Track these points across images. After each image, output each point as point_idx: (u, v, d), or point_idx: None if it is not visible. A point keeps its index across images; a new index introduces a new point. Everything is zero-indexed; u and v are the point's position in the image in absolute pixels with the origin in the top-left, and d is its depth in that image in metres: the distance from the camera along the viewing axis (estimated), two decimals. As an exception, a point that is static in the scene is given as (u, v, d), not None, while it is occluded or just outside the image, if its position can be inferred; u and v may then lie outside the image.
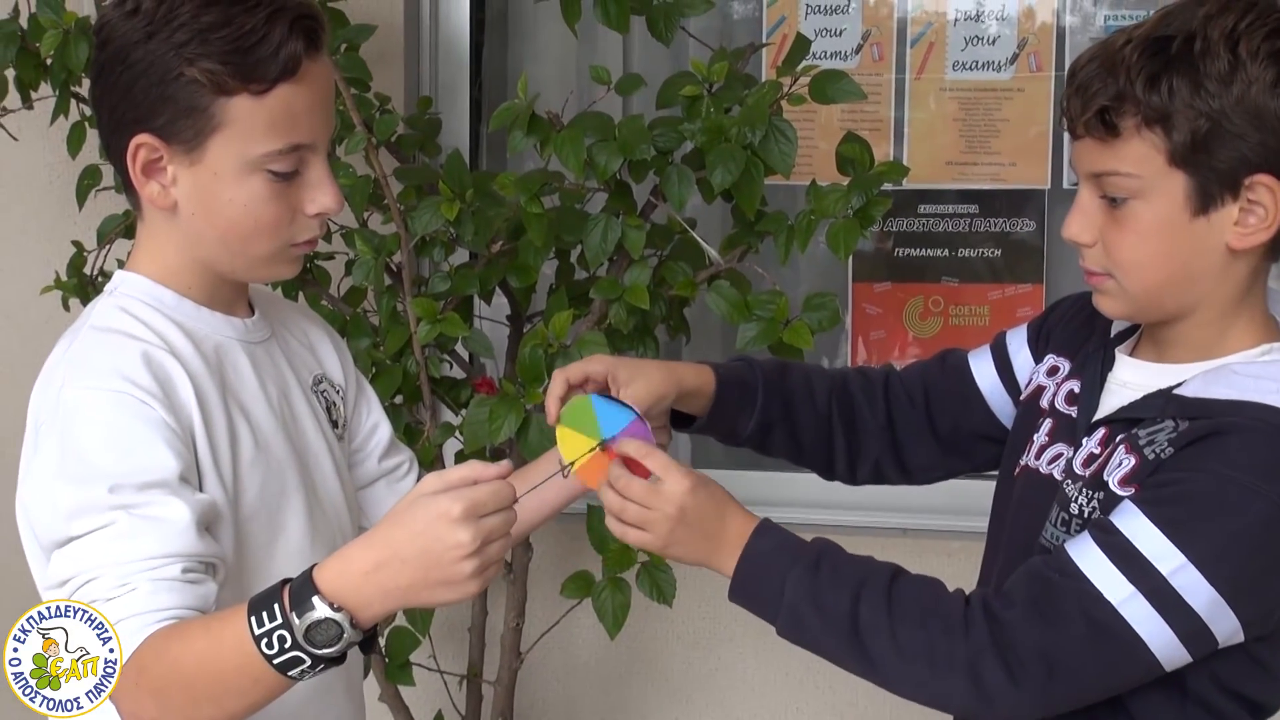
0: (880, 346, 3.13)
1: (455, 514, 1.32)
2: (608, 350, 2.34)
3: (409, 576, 1.34)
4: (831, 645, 1.49)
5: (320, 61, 1.53)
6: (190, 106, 1.48)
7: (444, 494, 1.34)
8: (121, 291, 1.59)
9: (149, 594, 1.39)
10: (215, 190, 1.52)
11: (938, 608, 1.46)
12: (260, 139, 1.50)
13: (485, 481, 1.36)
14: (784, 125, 2.30)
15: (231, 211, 1.52)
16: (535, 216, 2.38)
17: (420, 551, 1.33)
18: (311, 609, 1.33)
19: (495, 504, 1.35)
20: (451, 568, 1.33)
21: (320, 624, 1.33)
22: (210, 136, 1.49)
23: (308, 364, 1.75)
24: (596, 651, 3.02)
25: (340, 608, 1.33)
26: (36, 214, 3.11)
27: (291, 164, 1.52)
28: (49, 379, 1.52)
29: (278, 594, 1.35)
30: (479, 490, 1.35)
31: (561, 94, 2.61)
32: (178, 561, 1.41)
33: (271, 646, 1.33)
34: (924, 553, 2.85)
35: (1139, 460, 1.48)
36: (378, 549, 1.35)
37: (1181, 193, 1.47)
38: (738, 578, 1.52)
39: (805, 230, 2.34)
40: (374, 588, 1.34)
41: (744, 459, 3.29)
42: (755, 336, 2.34)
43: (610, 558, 2.49)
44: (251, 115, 1.49)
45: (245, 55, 1.47)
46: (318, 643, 1.33)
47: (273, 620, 1.33)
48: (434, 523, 1.33)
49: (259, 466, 1.58)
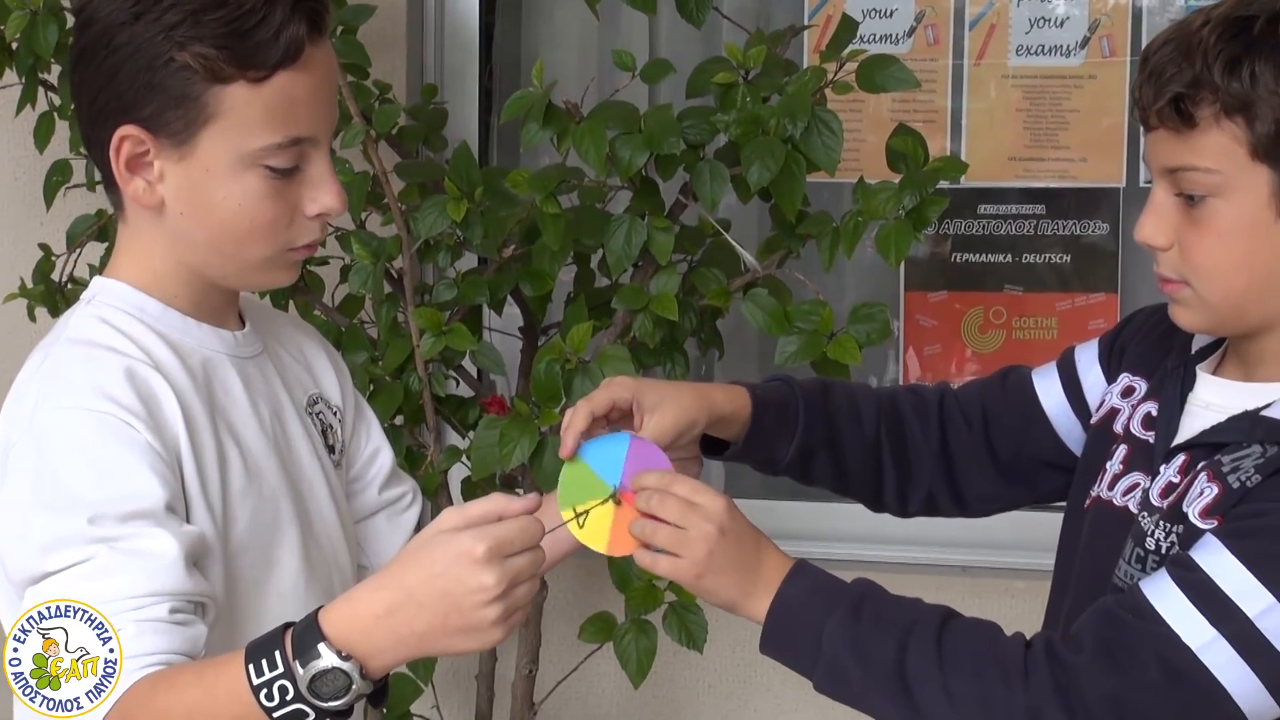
0: (936, 362, 3.13)
1: (478, 554, 1.32)
2: (631, 367, 2.35)
3: (425, 622, 1.34)
4: (876, 699, 1.49)
5: (323, 47, 1.55)
6: (181, 95, 1.49)
7: (465, 531, 1.34)
8: (100, 300, 1.59)
9: (134, 636, 1.39)
10: (207, 188, 1.53)
11: (995, 654, 1.47)
12: (257, 131, 1.51)
13: (511, 517, 1.36)
14: (828, 116, 2.31)
15: (224, 211, 1.53)
16: (551, 217, 2.40)
17: (439, 595, 1.33)
18: (317, 657, 1.34)
19: (522, 542, 1.35)
20: (473, 613, 1.33)
21: (326, 674, 1.33)
22: (202, 128, 1.50)
23: (302, 382, 1.75)
24: (618, 702, 3.03)
25: (349, 656, 1.34)
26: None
27: (291, 159, 1.53)
28: (20, 398, 1.53)
29: (279, 640, 1.35)
30: (504, 527, 1.34)
31: (581, 82, 2.63)
32: (165, 601, 1.41)
33: (272, 698, 1.34)
34: (984, 593, 2.85)
35: (1222, 489, 1.48)
36: (391, 591, 1.35)
37: (1266, 190, 1.47)
38: (770, 625, 1.52)
39: (852, 233, 2.35)
40: (386, 634, 1.34)
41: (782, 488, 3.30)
42: (796, 351, 2.35)
43: (634, 597, 2.50)
44: (248, 105, 1.50)
45: (243, 39, 1.48)
46: (323, 695, 1.34)
47: (273, 669, 1.34)
48: (454, 563, 1.33)
49: (250, 496, 1.58)
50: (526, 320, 2.74)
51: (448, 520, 1.36)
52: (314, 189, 1.56)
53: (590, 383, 2.33)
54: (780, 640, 1.53)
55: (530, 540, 1.36)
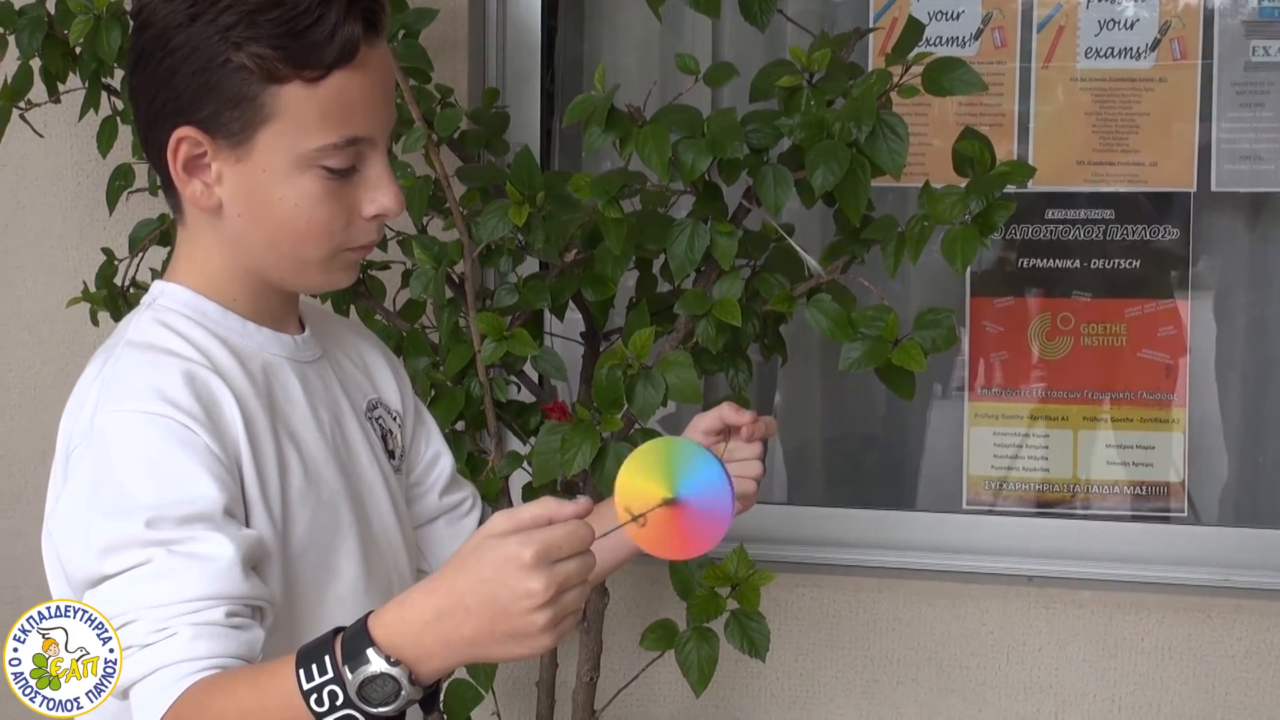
0: (1002, 369, 3.11)
1: (526, 559, 1.31)
2: (694, 373, 2.34)
3: (473, 628, 1.33)
4: None
5: (380, 48, 1.55)
6: (237, 96, 1.50)
7: (513, 535, 1.33)
8: (160, 304, 1.61)
9: (189, 640, 1.40)
10: (264, 189, 1.54)
11: None
12: (314, 132, 1.51)
13: (560, 521, 1.34)
14: (894, 120, 2.29)
15: (281, 212, 1.54)
16: (614, 222, 2.39)
17: (486, 600, 1.32)
18: (366, 662, 1.33)
19: (571, 547, 1.33)
20: (521, 619, 1.32)
21: (375, 679, 1.33)
22: (259, 129, 1.51)
23: (362, 387, 1.76)
24: (679, 710, 3.03)
25: (398, 661, 1.33)
26: (63, 218, 3.16)
27: (348, 160, 1.54)
28: (81, 401, 1.55)
29: (329, 644, 1.35)
30: (553, 532, 1.33)
31: (644, 85, 2.62)
32: (221, 604, 1.42)
33: (322, 703, 1.33)
34: (1051, 603, 2.83)
35: None
36: (440, 596, 1.34)
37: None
38: None
39: (917, 238, 2.33)
40: (435, 639, 1.34)
41: (847, 497, 3.30)
42: (860, 357, 2.34)
43: (696, 605, 2.49)
44: (304, 105, 1.50)
45: (298, 39, 1.49)
46: (373, 700, 1.33)
47: (323, 674, 1.34)
48: (502, 568, 1.32)
49: (309, 500, 1.59)
50: (588, 325, 2.74)
51: (497, 525, 1.34)
52: (371, 190, 1.56)
53: (652, 388, 2.33)
54: None
55: (579, 545, 1.34)
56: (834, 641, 2.96)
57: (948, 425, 3.15)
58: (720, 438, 1.75)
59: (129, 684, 1.42)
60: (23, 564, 3.07)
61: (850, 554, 3.04)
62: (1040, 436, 3.09)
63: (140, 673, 1.41)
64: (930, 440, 3.26)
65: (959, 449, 3.11)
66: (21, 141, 2.96)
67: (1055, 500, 3.07)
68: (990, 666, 2.90)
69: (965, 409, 3.12)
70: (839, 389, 3.30)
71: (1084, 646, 2.84)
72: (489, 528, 1.35)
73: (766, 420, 1.78)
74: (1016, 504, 3.08)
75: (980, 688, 2.91)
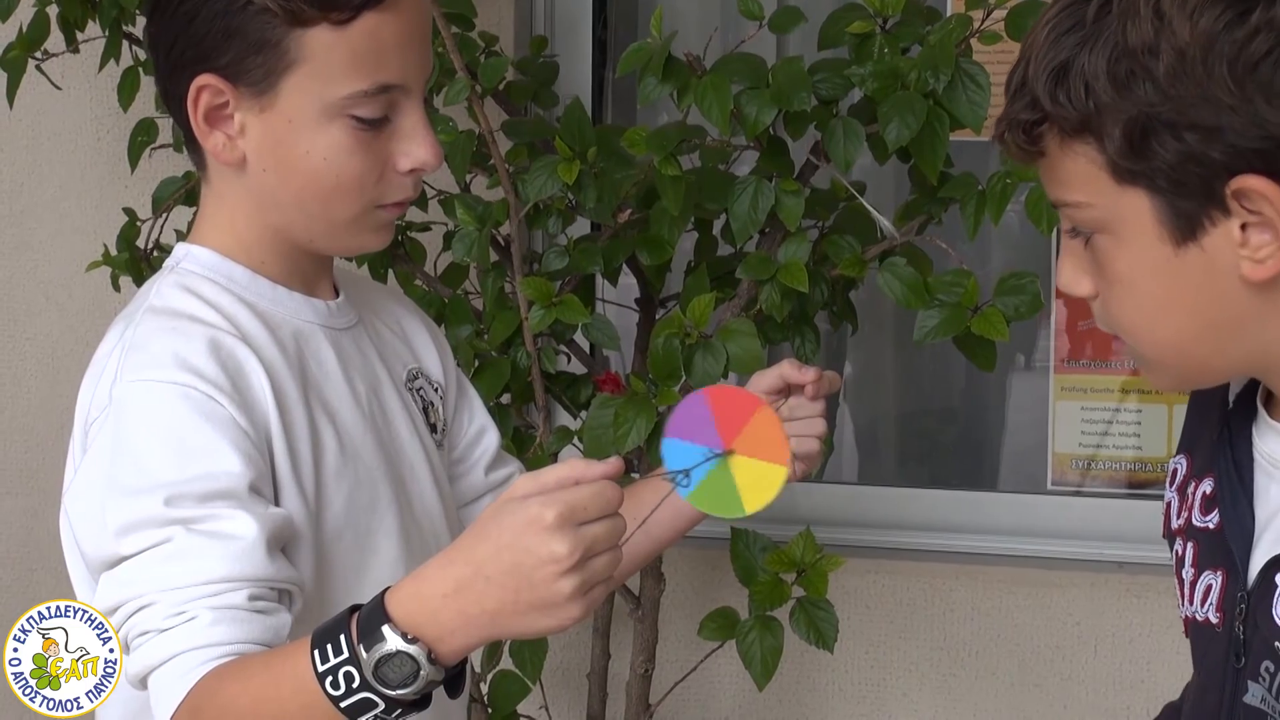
0: (1091, 340, 3.09)
1: (548, 520, 1.29)
2: (757, 342, 2.33)
3: (495, 599, 1.31)
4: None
5: None
6: (260, 41, 1.50)
7: (535, 498, 1.31)
8: (184, 267, 1.61)
9: (209, 624, 1.40)
10: (290, 140, 1.54)
11: None
12: (342, 78, 1.51)
13: (587, 482, 1.33)
14: (974, 69, 2.28)
15: (309, 165, 1.54)
16: (671, 180, 2.39)
17: (508, 568, 1.30)
18: (381, 640, 1.32)
19: (599, 508, 1.31)
20: (546, 587, 1.30)
21: (391, 658, 1.32)
22: (284, 76, 1.52)
23: (401, 356, 1.76)
24: (740, 705, 3.02)
25: (415, 639, 1.32)
26: (82, 177, 3.18)
27: (380, 109, 1.54)
28: (100, 370, 1.55)
29: (344, 623, 1.34)
30: (577, 492, 1.31)
31: (704, 32, 2.62)
32: (244, 587, 1.42)
33: (338, 686, 1.33)
34: (1143, 592, 2.81)
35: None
36: (458, 566, 1.33)
37: (1148, 216, 1.26)
38: None
39: (999, 197, 2.32)
40: (454, 614, 1.32)
41: (922, 477, 3.28)
42: (937, 326, 2.33)
43: (759, 592, 2.49)
44: (332, 50, 1.50)
45: None
46: (390, 682, 1.32)
47: (338, 654, 1.33)
48: (523, 532, 1.30)
49: (346, 477, 1.59)
50: (643, 291, 2.73)
51: (520, 487, 1.33)
52: (406, 142, 1.56)
53: (712, 359, 2.32)
54: None
55: (607, 506, 1.32)
56: (907, 632, 2.95)
57: (1031, 399, 3.13)
58: (780, 396, 1.74)
59: (146, 671, 1.42)
60: (40, 545, 3.10)
61: (925, 538, 3.03)
62: (1132, 412, 3.06)
63: (157, 659, 1.41)
64: (1012, 416, 3.24)
65: (1044, 425, 3.09)
66: (38, 94, 2.97)
67: (1148, 481, 3.04)
68: (1077, 660, 2.89)
69: (1050, 382, 3.09)
70: (913, 360, 3.29)
71: (1178, 638, 2.81)
72: (512, 490, 1.34)
73: (830, 375, 1.77)
74: (1106, 484, 3.06)
75: (1065, 682, 2.89)
